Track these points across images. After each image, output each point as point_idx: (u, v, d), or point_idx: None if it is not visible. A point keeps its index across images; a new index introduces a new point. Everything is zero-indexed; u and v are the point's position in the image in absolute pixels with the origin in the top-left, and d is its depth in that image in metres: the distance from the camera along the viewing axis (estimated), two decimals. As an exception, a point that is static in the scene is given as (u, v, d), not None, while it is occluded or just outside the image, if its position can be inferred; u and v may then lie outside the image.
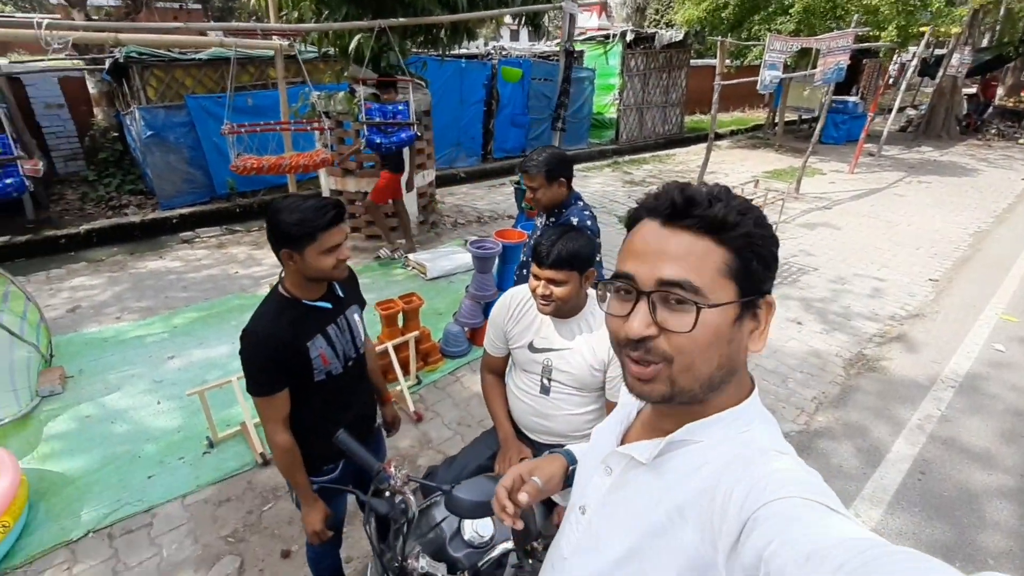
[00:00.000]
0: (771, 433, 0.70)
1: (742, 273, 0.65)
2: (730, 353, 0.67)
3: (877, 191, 8.91)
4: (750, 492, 0.59)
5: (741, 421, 0.70)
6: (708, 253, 0.64)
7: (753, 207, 0.68)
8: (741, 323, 0.66)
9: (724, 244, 0.64)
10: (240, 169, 3.71)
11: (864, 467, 2.89)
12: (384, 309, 3.43)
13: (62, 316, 4.32)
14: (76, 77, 7.48)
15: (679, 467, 0.70)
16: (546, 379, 1.69)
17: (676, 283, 0.63)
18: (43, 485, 2.71)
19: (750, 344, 0.69)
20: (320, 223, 1.40)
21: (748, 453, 0.66)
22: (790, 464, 0.63)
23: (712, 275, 0.64)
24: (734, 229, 0.64)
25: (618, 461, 0.79)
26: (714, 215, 0.64)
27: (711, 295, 0.63)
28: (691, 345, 0.64)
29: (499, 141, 9.70)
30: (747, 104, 18.44)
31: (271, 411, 1.49)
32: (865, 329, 4.45)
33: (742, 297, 0.65)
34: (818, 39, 7.25)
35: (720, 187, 0.69)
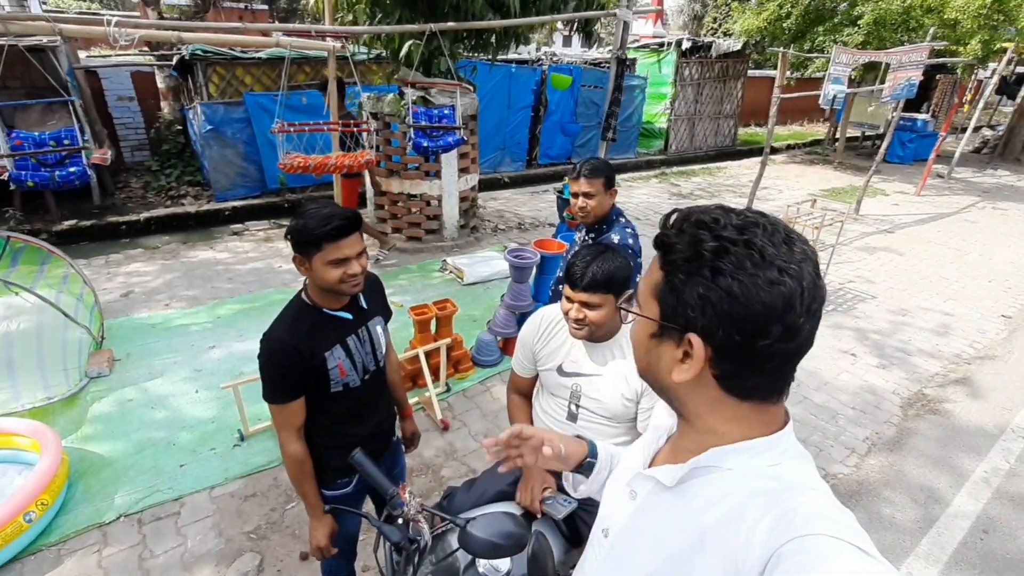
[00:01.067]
0: (804, 469, 0.68)
1: (665, 297, 0.67)
2: (650, 362, 0.72)
3: (946, 216, 8.35)
4: (776, 526, 0.58)
5: (772, 453, 0.68)
6: (653, 269, 0.70)
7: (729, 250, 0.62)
8: (659, 341, 0.70)
9: (660, 267, 0.69)
10: (287, 167, 3.78)
11: (920, 521, 2.65)
12: (418, 314, 3.41)
13: (116, 300, 4.52)
14: (147, 72, 7.90)
15: (704, 493, 0.69)
16: (574, 405, 1.60)
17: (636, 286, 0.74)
18: (83, 465, 2.81)
19: (675, 373, 0.68)
20: (323, 232, 1.34)
21: (776, 487, 0.64)
22: (820, 501, 0.61)
23: (646, 289, 0.71)
24: (669, 254, 0.67)
25: (643, 484, 0.79)
26: (663, 237, 0.68)
27: (643, 306, 0.72)
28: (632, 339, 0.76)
29: (545, 147, 9.64)
30: (806, 118, 17.75)
31: (284, 419, 1.46)
32: (927, 367, 4.13)
33: (661, 319, 0.68)
34: (888, 53, 6.85)
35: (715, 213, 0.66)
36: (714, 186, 9.74)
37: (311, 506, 1.54)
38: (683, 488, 0.72)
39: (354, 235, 1.39)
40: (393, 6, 4.94)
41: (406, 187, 5.73)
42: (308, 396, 1.48)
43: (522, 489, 1.59)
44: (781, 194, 9.29)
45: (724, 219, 0.64)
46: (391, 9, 4.95)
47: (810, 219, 4.73)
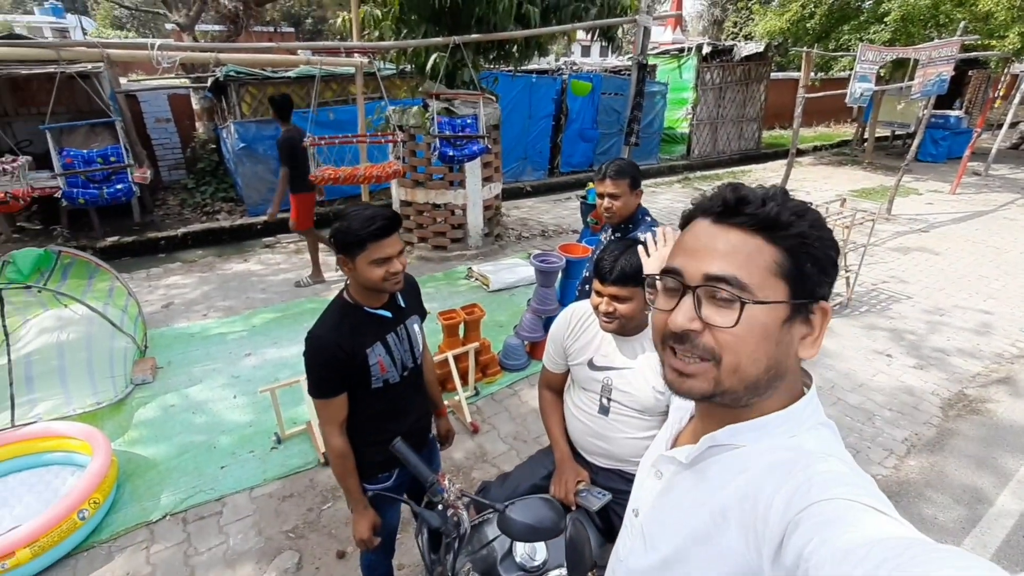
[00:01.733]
0: (823, 438, 0.67)
1: (794, 274, 0.63)
2: (778, 356, 0.64)
3: (983, 214, 8.09)
4: (793, 496, 0.58)
5: (789, 425, 0.68)
6: (758, 251, 0.63)
7: (810, 210, 0.66)
8: (791, 325, 0.64)
9: (775, 243, 0.63)
10: (319, 179, 3.91)
11: (963, 521, 2.57)
12: (446, 319, 3.47)
13: (157, 311, 4.71)
14: (183, 94, 8.25)
15: (722, 470, 0.70)
16: (605, 399, 1.62)
17: (722, 278, 0.63)
18: (130, 467, 2.93)
19: (801, 350, 0.66)
20: (367, 233, 1.40)
21: (793, 457, 0.63)
22: (837, 466, 0.61)
23: (761, 273, 0.63)
24: (787, 228, 0.62)
25: (666, 465, 0.80)
26: (766, 214, 0.63)
27: (759, 292, 0.62)
28: (736, 343, 0.63)
29: (566, 155, 9.69)
30: (832, 118, 17.44)
31: (328, 414, 1.52)
32: (967, 367, 4.00)
33: (793, 299, 0.63)
34: (917, 49, 6.72)
35: (776, 189, 0.67)
36: (739, 189, 9.63)
37: (354, 500, 1.59)
38: (702, 467, 0.73)
39: (395, 235, 1.45)
40: (418, 22, 5.09)
41: (431, 197, 5.84)
42: (350, 393, 1.54)
43: (555, 482, 1.61)
44: (808, 196, 9.13)
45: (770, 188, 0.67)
46: (416, 25, 5.09)
47: (839, 218, 4.65)
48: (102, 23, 25.59)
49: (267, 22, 20.44)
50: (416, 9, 5.03)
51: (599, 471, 1.67)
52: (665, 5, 22.68)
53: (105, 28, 24.86)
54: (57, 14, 23.26)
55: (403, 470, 1.69)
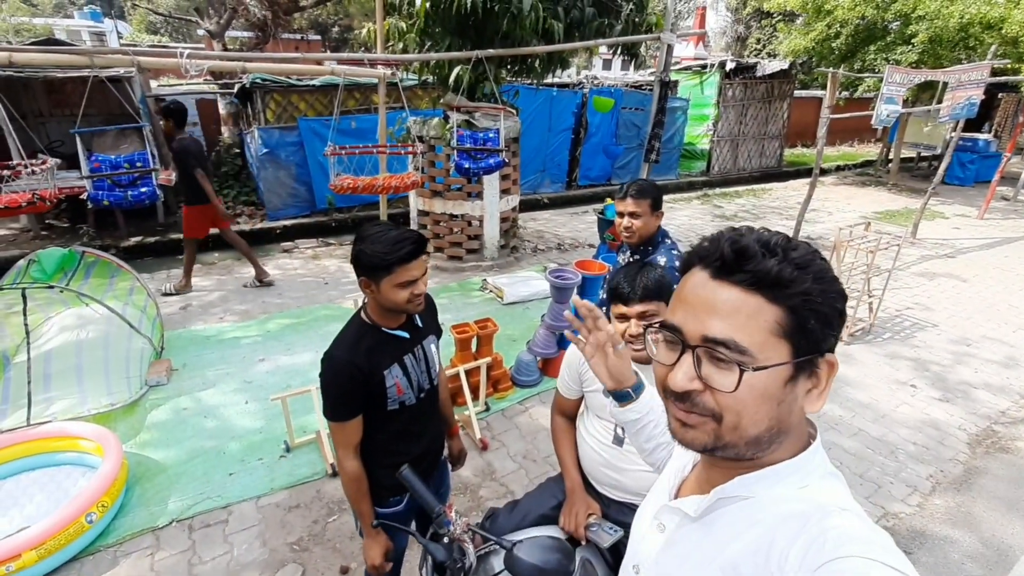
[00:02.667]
0: (834, 488, 0.65)
1: (797, 333, 0.60)
2: (780, 415, 0.63)
3: (1012, 241, 7.87)
4: (807, 551, 0.56)
5: (799, 475, 0.66)
6: (759, 311, 0.60)
7: (815, 260, 0.62)
8: (795, 383, 0.62)
9: (777, 302, 0.60)
10: (338, 188, 3.92)
11: (991, 568, 2.45)
12: (459, 332, 3.45)
13: (175, 312, 4.76)
14: (210, 99, 8.42)
15: (731, 523, 0.67)
16: (620, 428, 1.57)
17: (721, 342, 0.61)
18: (140, 470, 2.94)
19: (807, 404, 0.64)
20: (395, 257, 1.38)
21: (805, 509, 0.62)
22: (852, 522, 0.58)
23: (762, 335, 0.60)
24: (789, 287, 0.60)
25: (671, 516, 0.76)
26: (766, 271, 0.60)
27: (759, 355, 0.60)
28: (737, 405, 0.61)
29: (584, 169, 9.68)
30: (856, 138, 17.21)
31: (344, 436, 1.50)
32: (994, 402, 3.86)
33: (796, 357, 0.61)
34: (946, 72, 6.60)
35: (778, 236, 0.64)
36: (759, 208, 9.52)
37: (366, 525, 1.56)
38: (710, 519, 0.70)
39: (422, 256, 1.44)
40: (443, 34, 5.12)
41: (448, 207, 5.86)
42: (365, 414, 1.52)
43: (566, 514, 1.56)
44: (831, 216, 8.98)
45: (772, 236, 0.64)
46: (441, 38, 5.13)
47: (864, 243, 4.55)
48: (137, 28, 26.40)
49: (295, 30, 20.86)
50: (441, 22, 5.07)
51: (611, 503, 1.62)
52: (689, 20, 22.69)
53: (140, 32, 25.64)
54: (95, 18, 24.07)
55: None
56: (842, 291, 0.63)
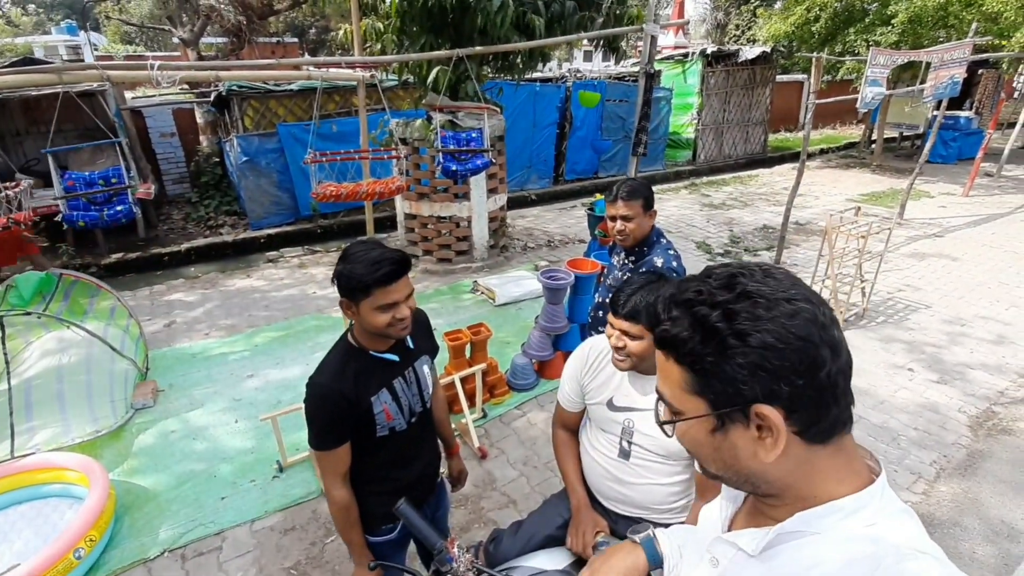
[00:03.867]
0: (907, 528, 0.61)
1: (705, 388, 0.62)
2: (726, 460, 0.65)
3: (998, 217, 7.93)
4: None
5: (866, 512, 0.61)
6: (670, 371, 0.65)
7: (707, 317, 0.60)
8: (725, 433, 0.63)
9: (677, 362, 0.63)
10: (320, 196, 3.82)
11: (1004, 556, 2.43)
12: (452, 340, 3.37)
13: (159, 330, 4.64)
14: (187, 109, 8.25)
15: (791, 561, 0.63)
16: (626, 442, 1.51)
17: (660, 394, 0.69)
18: (128, 498, 2.84)
19: (760, 454, 0.62)
20: (372, 278, 1.29)
21: (877, 552, 0.57)
22: (931, 567, 0.55)
23: (676, 391, 0.65)
24: (679, 348, 0.63)
25: (724, 551, 0.73)
26: (662, 334, 0.65)
27: (680, 407, 0.65)
28: (686, 445, 0.68)
29: (571, 163, 9.61)
30: (838, 121, 17.27)
31: (330, 465, 1.42)
32: (992, 382, 3.86)
33: (713, 410, 0.62)
34: (929, 51, 6.59)
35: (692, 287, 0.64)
36: (747, 195, 9.51)
37: (357, 554, 1.49)
38: (769, 555, 0.65)
39: (404, 279, 1.34)
40: (420, 33, 5.01)
41: (436, 210, 5.76)
42: (353, 442, 1.44)
43: (572, 534, 1.50)
44: (818, 200, 9.00)
45: (705, 287, 0.63)
46: (418, 36, 5.02)
47: (854, 228, 4.52)
48: (112, 39, 26.05)
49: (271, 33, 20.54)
50: (417, 21, 4.96)
51: (619, 519, 1.55)
52: (668, 9, 22.63)
53: (115, 44, 25.31)
54: (71, 32, 23.75)
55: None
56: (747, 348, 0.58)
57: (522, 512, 2.73)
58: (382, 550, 1.56)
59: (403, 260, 1.34)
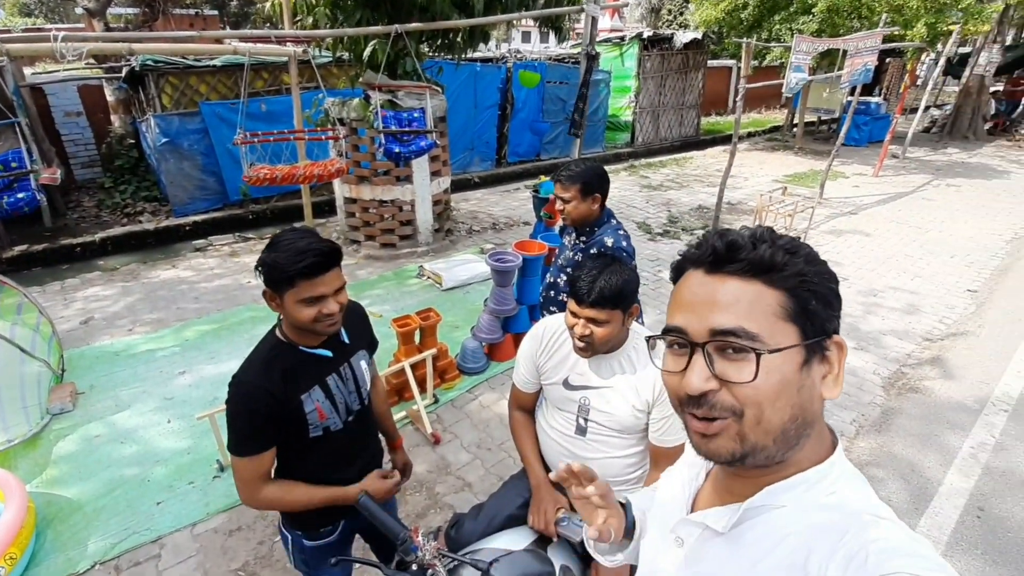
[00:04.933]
0: (863, 493, 0.64)
1: (801, 314, 0.60)
2: (802, 402, 0.60)
3: (904, 195, 8.63)
4: (848, 566, 0.54)
5: (827, 481, 0.64)
6: (760, 297, 0.60)
7: (802, 245, 0.64)
8: (809, 368, 0.61)
9: (775, 286, 0.60)
10: (253, 180, 3.61)
11: (916, 502, 2.69)
12: (401, 326, 3.31)
13: (75, 328, 4.26)
14: (94, 85, 7.51)
15: (761, 537, 0.64)
16: (582, 419, 1.54)
17: (730, 331, 0.59)
18: (50, 511, 2.61)
19: (824, 391, 0.62)
20: (295, 269, 1.20)
21: (839, 519, 0.60)
22: (892, 531, 0.57)
23: (768, 319, 0.59)
24: (784, 269, 0.60)
25: (690, 530, 0.73)
26: (760, 257, 0.60)
27: (770, 340, 0.59)
28: (757, 395, 0.59)
29: (513, 145, 9.57)
30: (764, 105, 18.15)
31: (251, 471, 1.30)
32: (902, 345, 4.23)
33: (805, 340, 0.60)
34: (845, 40, 7.02)
35: (763, 229, 0.65)
36: (683, 176, 9.85)
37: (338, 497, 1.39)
38: (737, 532, 0.67)
39: (332, 271, 1.25)
40: (354, 7, 4.79)
41: (377, 193, 5.58)
42: (285, 444, 1.35)
43: (534, 512, 1.52)
44: (747, 181, 9.46)
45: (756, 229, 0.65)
46: (353, 10, 4.79)
47: (782, 207, 4.80)
48: (10, 11, 23.36)
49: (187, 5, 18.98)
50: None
51: (577, 494, 1.58)
52: (604, -8, 22.81)
53: (13, 16, 22.69)
54: (-32, 5, 21.02)
55: (348, 522, 1.52)
56: (833, 273, 0.64)
57: (478, 494, 2.74)
58: (322, 554, 1.48)
59: (332, 251, 1.25)
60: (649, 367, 1.45)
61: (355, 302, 1.59)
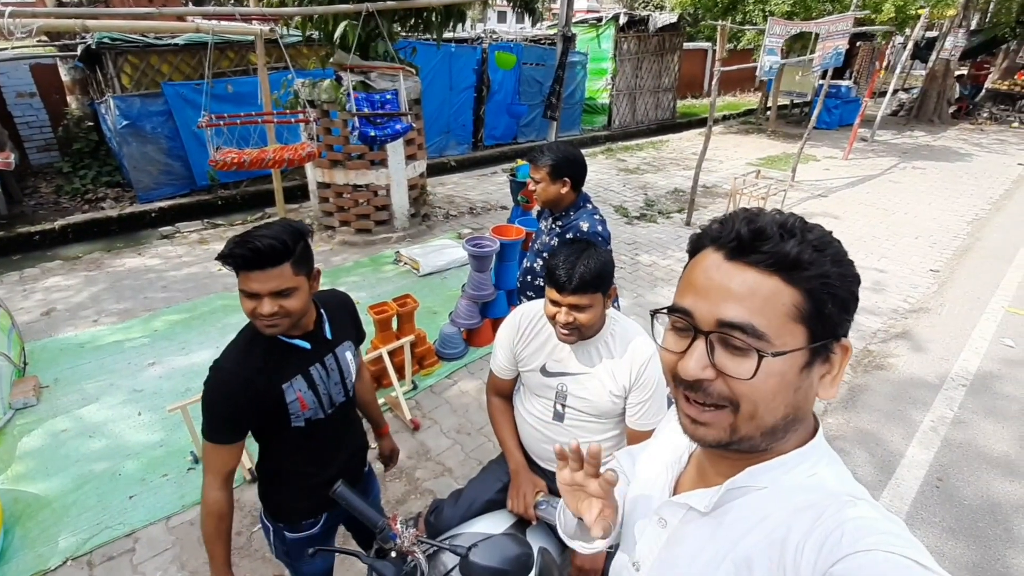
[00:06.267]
0: (840, 474, 0.65)
1: (814, 317, 0.58)
2: (797, 401, 0.61)
3: (872, 178, 8.84)
4: (824, 544, 0.56)
5: (807, 464, 0.65)
6: (776, 294, 0.58)
7: (831, 242, 0.61)
8: (810, 370, 0.60)
9: (795, 285, 0.58)
10: (221, 165, 3.49)
11: (880, 474, 2.80)
12: (377, 313, 3.27)
13: (36, 320, 4.10)
14: (48, 64, 7.13)
15: (743, 516, 0.66)
16: (560, 405, 1.55)
17: (738, 326, 0.58)
18: (17, 508, 2.54)
19: (820, 391, 0.63)
20: (224, 255, 1.17)
21: (819, 499, 0.61)
22: (867, 511, 0.58)
23: (779, 319, 0.58)
24: (808, 269, 0.57)
25: (674, 511, 0.74)
26: (785, 253, 0.58)
27: (776, 340, 0.57)
28: (753, 393, 0.59)
29: (490, 128, 9.47)
30: (738, 88, 18.27)
31: (217, 461, 1.28)
32: (868, 324, 4.37)
33: (812, 342, 0.59)
34: (818, 23, 7.08)
35: (794, 218, 0.62)
36: (659, 160, 9.90)
37: (217, 569, 1.33)
38: (719, 513, 0.68)
39: (267, 271, 1.18)
40: (323, -16, 4.62)
41: (351, 178, 5.47)
42: (267, 434, 1.33)
43: (512, 496, 1.53)
44: (722, 164, 9.56)
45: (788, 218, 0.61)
46: (321, -12, 4.63)
47: (755, 190, 4.86)
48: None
49: (145, -21, 18.12)
50: (321, -30, 4.57)
51: (555, 478, 1.60)
52: (580, -28, 22.54)
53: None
54: None
55: (331, 514, 1.51)
56: (857, 274, 0.62)
57: (458, 480, 2.75)
58: (304, 546, 1.47)
59: (268, 251, 1.17)
60: (626, 352, 1.46)
61: (342, 292, 1.58)
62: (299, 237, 1.26)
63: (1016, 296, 4.80)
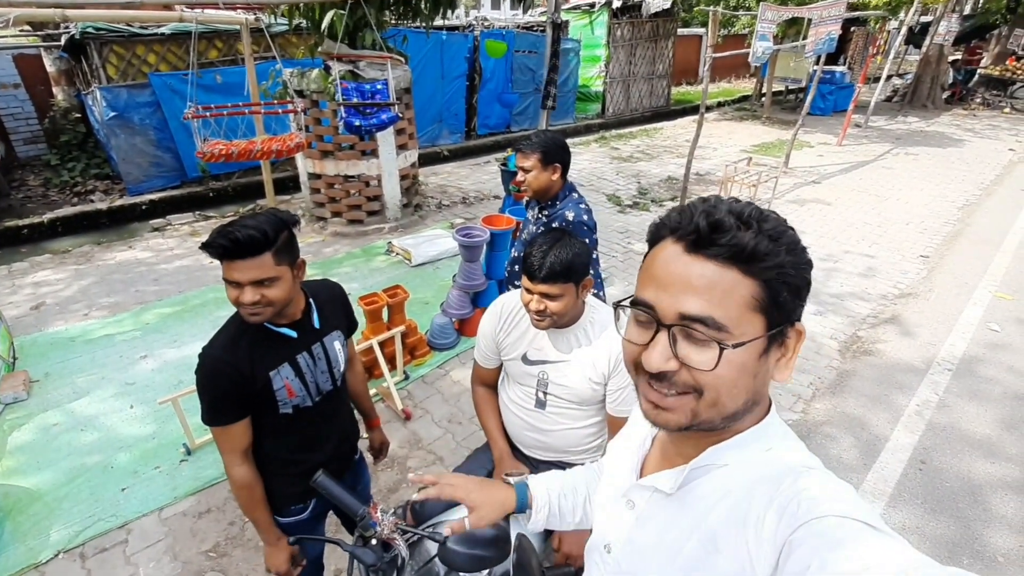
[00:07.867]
0: (794, 448, 0.68)
1: (771, 305, 0.60)
2: (756, 387, 0.64)
3: (866, 164, 8.84)
4: (783, 514, 0.58)
5: (763, 440, 0.68)
6: (735, 286, 0.59)
7: (787, 231, 0.63)
8: (767, 355, 0.63)
9: (753, 276, 0.59)
10: (207, 156, 3.47)
11: (864, 457, 2.84)
12: (368, 304, 3.27)
13: (25, 315, 4.09)
14: (32, 55, 7.04)
15: (706, 494, 0.68)
16: (541, 392, 1.56)
17: (699, 319, 0.59)
18: (8, 502, 2.55)
19: (775, 373, 0.66)
20: (207, 243, 1.19)
21: (775, 472, 0.64)
22: (821, 480, 0.61)
23: (738, 310, 0.59)
24: (764, 260, 0.59)
25: (641, 494, 0.77)
26: (743, 245, 0.59)
27: (736, 331, 0.59)
28: (716, 382, 0.61)
29: (483, 117, 9.40)
30: (733, 74, 18.18)
31: (227, 441, 1.34)
32: (858, 310, 4.40)
33: (770, 330, 0.61)
34: (810, 8, 7.04)
35: (751, 208, 0.63)
36: (653, 148, 9.87)
37: (264, 531, 1.43)
38: (683, 492, 0.71)
39: (249, 259, 1.20)
40: (309, -28, 4.56)
41: (342, 168, 5.44)
42: (255, 420, 1.36)
43: (496, 483, 1.55)
44: (716, 151, 9.54)
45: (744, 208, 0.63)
46: (307, -25, 4.57)
47: (747, 177, 4.86)
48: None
49: (131, -34, 17.83)
50: (307, -43, 4.51)
51: (539, 464, 1.63)
52: (573, -43, 22.26)
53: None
54: None
55: (319, 501, 1.53)
56: (810, 260, 0.64)
57: (450, 468, 2.77)
58: (294, 532, 1.50)
59: (248, 241, 1.19)
60: (605, 340, 1.48)
61: (335, 283, 1.60)
62: (282, 227, 1.27)
63: (1003, 281, 4.83)
